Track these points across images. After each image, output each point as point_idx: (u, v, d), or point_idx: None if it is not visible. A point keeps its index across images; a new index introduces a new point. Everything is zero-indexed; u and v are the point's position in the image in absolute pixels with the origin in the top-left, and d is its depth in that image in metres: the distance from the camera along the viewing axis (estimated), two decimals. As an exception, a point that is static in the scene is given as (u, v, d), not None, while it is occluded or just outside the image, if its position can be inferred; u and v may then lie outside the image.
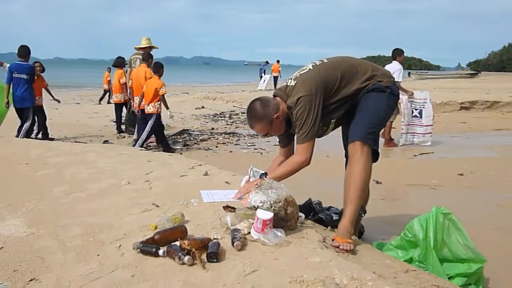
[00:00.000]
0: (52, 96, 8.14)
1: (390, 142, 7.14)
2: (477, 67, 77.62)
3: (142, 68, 7.01)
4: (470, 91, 16.45)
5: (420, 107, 7.21)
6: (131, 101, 7.55)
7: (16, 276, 1.70)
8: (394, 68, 6.81)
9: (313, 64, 2.54)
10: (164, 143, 6.70)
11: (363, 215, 2.75)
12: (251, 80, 34.76)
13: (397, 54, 7.17)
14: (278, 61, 22.70)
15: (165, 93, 6.56)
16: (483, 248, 2.42)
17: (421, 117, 7.18)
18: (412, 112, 7.19)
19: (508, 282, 2.60)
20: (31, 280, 1.68)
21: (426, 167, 5.88)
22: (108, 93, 14.85)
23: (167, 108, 6.70)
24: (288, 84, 2.51)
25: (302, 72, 2.51)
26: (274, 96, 2.56)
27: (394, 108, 2.59)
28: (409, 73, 44.90)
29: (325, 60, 2.56)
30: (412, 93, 7.23)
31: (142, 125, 6.58)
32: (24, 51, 6.51)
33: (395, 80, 7.17)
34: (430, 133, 7.21)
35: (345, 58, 2.64)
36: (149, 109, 6.49)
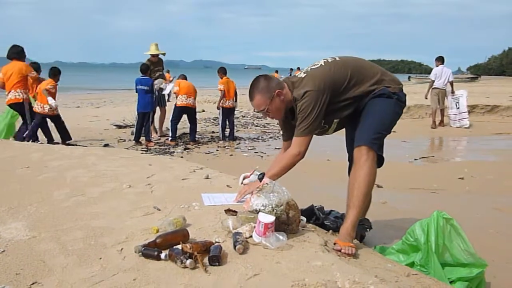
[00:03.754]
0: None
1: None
2: (477, 71, 77.71)
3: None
4: (470, 95, 16.34)
5: (458, 99, 9.93)
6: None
7: (18, 280, 1.70)
8: (449, 70, 9.77)
9: (325, 60, 2.53)
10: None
11: (368, 230, 2.75)
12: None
13: (444, 60, 9.80)
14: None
15: None
16: (484, 252, 2.42)
17: (459, 107, 9.91)
18: (456, 105, 9.94)
19: (509, 287, 2.60)
20: (33, 283, 1.67)
21: (426, 171, 5.88)
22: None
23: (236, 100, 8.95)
24: (297, 75, 2.51)
25: (313, 67, 2.50)
26: None
27: (400, 115, 2.57)
28: (409, 77, 44.99)
29: (337, 58, 2.55)
30: (454, 92, 9.98)
31: (231, 117, 8.69)
32: (145, 68, 7.91)
33: (451, 80, 8.72)
34: (467, 117, 9.82)
35: (356, 58, 2.64)
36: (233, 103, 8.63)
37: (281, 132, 2.79)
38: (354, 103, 2.49)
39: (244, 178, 2.78)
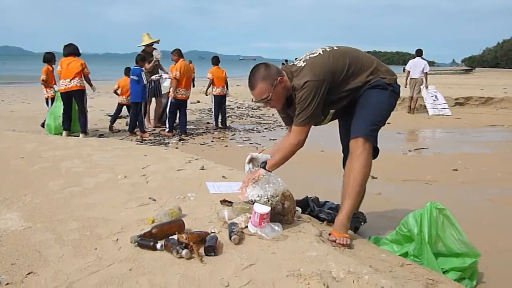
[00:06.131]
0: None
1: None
2: (472, 63, 77.98)
3: (187, 63, 8.34)
4: (465, 87, 16.52)
5: (435, 93, 10.97)
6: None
7: (14, 270, 1.70)
8: (424, 62, 10.53)
9: (323, 49, 2.50)
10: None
11: (362, 223, 2.76)
12: (245, 74, 34.67)
13: (421, 52, 10.57)
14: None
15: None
16: (476, 243, 2.44)
17: (438, 99, 10.90)
18: (434, 97, 10.85)
19: (501, 277, 2.63)
20: (28, 273, 1.67)
21: (420, 163, 5.92)
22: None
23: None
24: (296, 64, 2.47)
25: (312, 55, 2.46)
26: None
27: (394, 106, 2.57)
28: (403, 69, 45.05)
29: (334, 47, 2.53)
30: (427, 86, 10.73)
31: (223, 105, 8.95)
32: (139, 58, 7.89)
33: (425, 71, 9.57)
34: (448, 108, 10.82)
35: (353, 49, 2.62)
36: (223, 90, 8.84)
37: (276, 124, 2.75)
38: (350, 95, 2.49)
39: (251, 159, 2.55)
